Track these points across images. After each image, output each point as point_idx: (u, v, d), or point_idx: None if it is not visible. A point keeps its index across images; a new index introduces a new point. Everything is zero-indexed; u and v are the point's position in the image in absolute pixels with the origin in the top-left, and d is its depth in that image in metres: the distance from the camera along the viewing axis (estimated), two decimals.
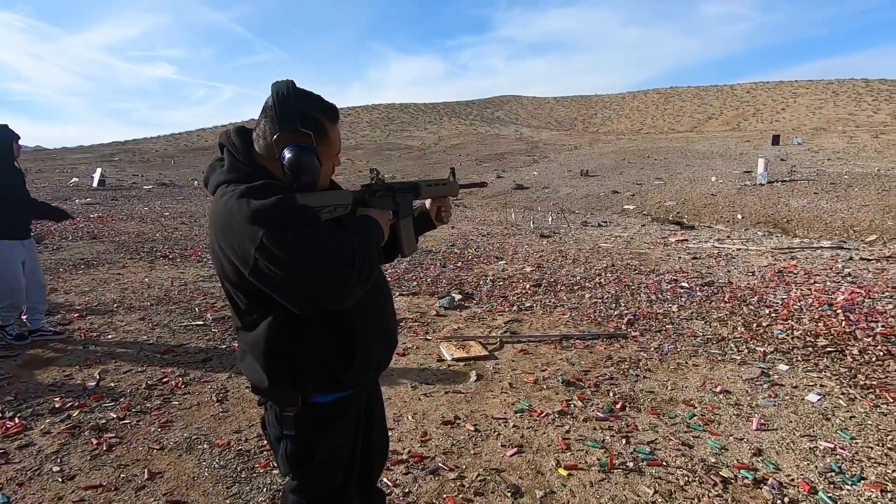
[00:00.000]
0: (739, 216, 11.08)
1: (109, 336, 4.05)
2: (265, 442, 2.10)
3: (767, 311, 4.58)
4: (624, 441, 2.53)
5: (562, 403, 2.93)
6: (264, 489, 2.18)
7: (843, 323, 4.18)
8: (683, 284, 5.59)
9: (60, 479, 2.22)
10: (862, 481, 2.18)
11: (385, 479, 2.21)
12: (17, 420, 2.69)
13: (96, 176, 19.10)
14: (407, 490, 2.17)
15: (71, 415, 2.77)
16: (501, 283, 5.86)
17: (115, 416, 2.77)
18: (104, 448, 2.46)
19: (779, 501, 2.06)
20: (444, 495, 2.13)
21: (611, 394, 3.05)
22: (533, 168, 23.94)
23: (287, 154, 1.09)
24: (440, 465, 2.34)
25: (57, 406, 2.86)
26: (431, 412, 2.85)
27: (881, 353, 3.54)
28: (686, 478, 2.22)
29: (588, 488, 2.16)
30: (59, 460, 2.36)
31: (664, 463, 2.34)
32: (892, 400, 2.88)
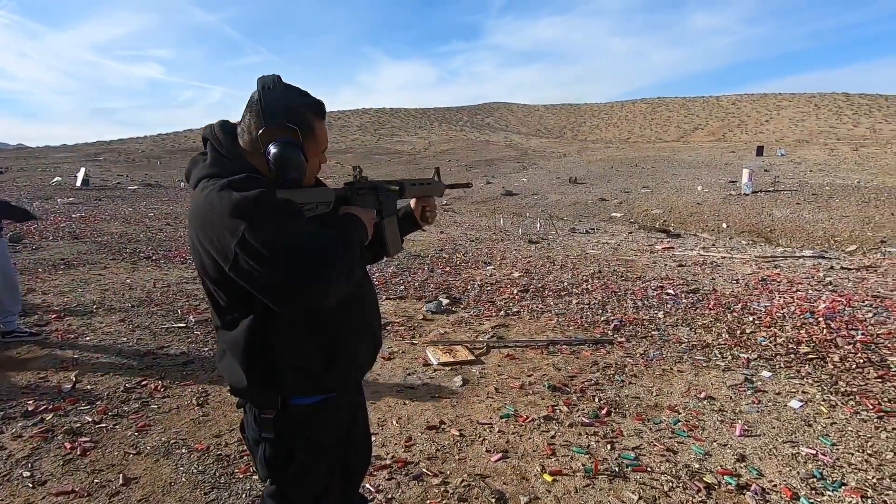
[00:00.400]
0: (724, 225, 11.24)
1: (88, 338, 3.95)
2: (245, 446, 2.06)
3: (751, 319, 4.62)
4: (609, 447, 2.52)
5: (547, 409, 2.92)
6: (243, 495, 2.13)
7: (825, 331, 4.24)
8: (669, 291, 5.64)
9: (31, 485, 2.14)
10: (843, 487, 2.20)
11: (367, 485, 2.17)
12: None
13: (80, 175, 18.80)
14: (390, 496, 2.14)
15: (44, 418, 2.69)
16: (489, 288, 5.85)
17: (90, 419, 2.70)
18: (78, 452, 2.38)
19: None
20: (428, 501, 2.10)
21: (596, 399, 3.05)
22: (522, 174, 24.09)
23: (272, 149, 1.06)
24: (424, 470, 2.31)
25: (30, 409, 2.77)
26: (416, 417, 2.82)
27: (861, 361, 3.59)
28: (670, 483, 2.22)
29: (573, 494, 2.15)
30: (30, 465, 2.29)
31: (649, 468, 2.33)
32: (871, 407, 2.91)
